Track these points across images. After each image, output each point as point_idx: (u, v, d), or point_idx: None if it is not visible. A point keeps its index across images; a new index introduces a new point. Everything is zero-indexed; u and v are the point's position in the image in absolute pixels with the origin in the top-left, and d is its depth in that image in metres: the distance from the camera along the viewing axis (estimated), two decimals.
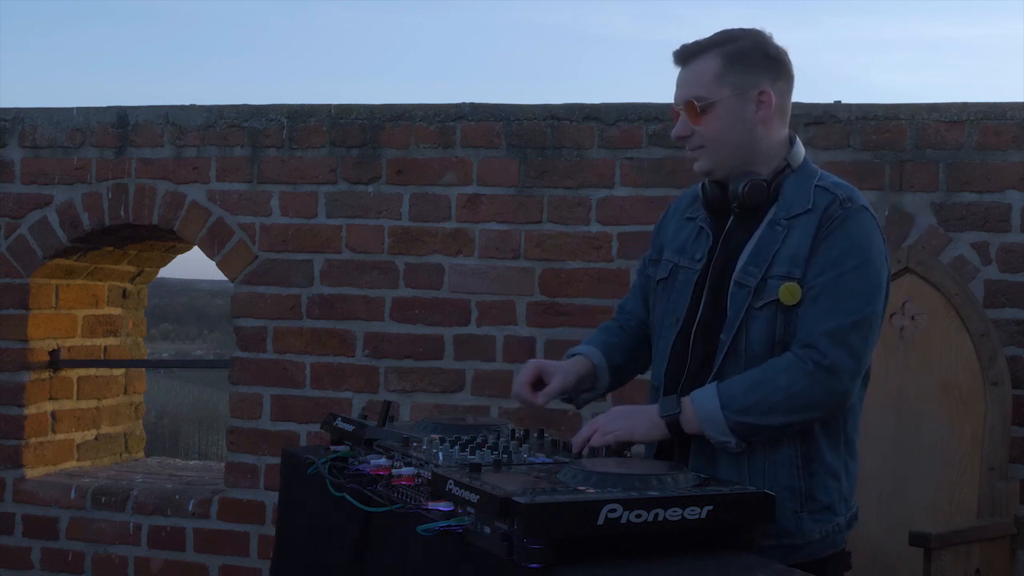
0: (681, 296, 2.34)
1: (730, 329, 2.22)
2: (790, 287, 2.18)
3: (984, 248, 3.68)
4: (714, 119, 2.27)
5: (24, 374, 4.37)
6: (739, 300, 2.22)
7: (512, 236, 4.01)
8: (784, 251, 2.21)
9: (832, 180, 2.29)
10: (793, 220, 2.23)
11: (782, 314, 2.19)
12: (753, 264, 2.23)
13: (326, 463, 2.24)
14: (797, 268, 2.19)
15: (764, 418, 2.15)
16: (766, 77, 2.28)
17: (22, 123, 4.42)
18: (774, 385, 2.14)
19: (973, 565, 3.33)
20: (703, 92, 2.27)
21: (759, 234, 2.26)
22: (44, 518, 4.33)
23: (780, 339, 2.19)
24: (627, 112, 3.93)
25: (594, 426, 2.24)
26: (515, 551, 1.70)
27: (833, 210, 2.21)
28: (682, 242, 2.40)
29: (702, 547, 1.84)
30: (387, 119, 4.12)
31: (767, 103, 2.27)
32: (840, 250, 2.18)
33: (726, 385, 2.18)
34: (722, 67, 2.26)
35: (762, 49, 2.29)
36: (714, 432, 2.17)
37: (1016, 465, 3.56)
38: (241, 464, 4.21)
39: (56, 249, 4.36)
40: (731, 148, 2.28)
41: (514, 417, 3.92)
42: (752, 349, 2.21)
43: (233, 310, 4.25)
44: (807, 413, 2.17)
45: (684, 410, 2.19)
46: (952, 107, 3.71)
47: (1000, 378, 3.46)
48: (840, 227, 2.20)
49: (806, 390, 2.14)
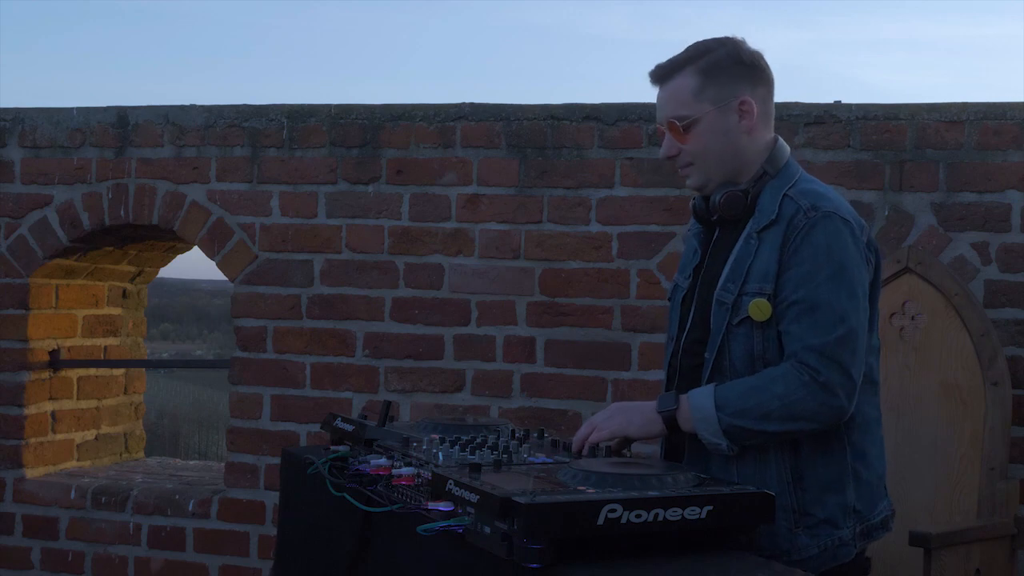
0: (675, 314, 2.39)
1: (712, 347, 2.24)
2: (759, 303, 2.18)
3: (984, 248, 3.68)
4: (699, 136, 2.27)
5: (24, 374, 4.37)
6: (720, 317, 2.23)
7: (512, 236, 4.01)
8: (756, 266, 2.21)
9: (802, 187, 2.27)
10: (763, 233, 2.23)
11: (757, 330, 2.19)
12: (731, 280, 2.23)
13: (326, 463, 2.24)
14: (768, 283, 2.19)
15: (758, 423, 2.14)
16: (744, 85, 2.27)
17: (22, 123, 4.42)
18: (770, 392, 2.14)
19: (973, 565, 3.33)
20: (684, 110, 2.28)
21: (737, 249, 2.26)
22: (44, 518, 4.33)
23: (759, 355, 2.20)
24: (627, 112, 3.93)
25: (592, 424, 2.24)
26: (515, 551, 1.70)
27: (798, 220, 2.20)
28: (684, 260, 2.43)
29: (702, 547, 1.84)
30: (387, 119, 4.12)
31: (749, 112, 2.27)
32: (811, 263, 2.17)
33: (724, 388, 2.18)
34: (699, 83, 2.26)
35: (736, 57, 2.28)
36: (707, 432, 2.17)
37: (1016, 465, 3.56)
38: (241, 464, 4.21)
39: (56, 249, 4.36)
40: (719, 162, 2.28)
41: (514, 417, 3.93)
42: (734, 366, 2.22)
43: (233, 310, 4.26)
44: (803, 423, 2.16)
45: (681, 407, 2.20)
46: (952, 107, 3.71)
47: (1000, 378, 3.46)
48: (806, 238, 2.18)
49: (802, 401, 2.13)
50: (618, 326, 3.90)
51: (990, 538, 3.39)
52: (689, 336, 2.31)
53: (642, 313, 3.87)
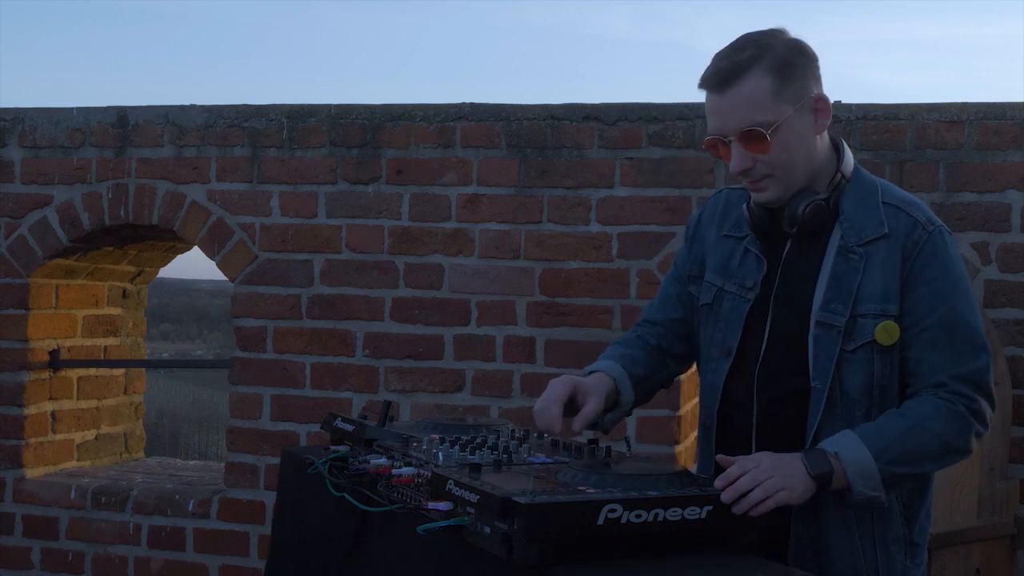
0: (731, 327, 2.15)
1: (824, 376, 2.04)
2: (887, 327, 2.01)
3: (984, 248, 3.68)
4: (781, 143, 2.04)
5: (24, 374, 4.37)
6: (827, 343, 2.04)
7: (512, 236, 4.01)
8: (868, 285, 2.03)
9: (900, 196, 2.11)
10: (869, 247, 2.05)
11: (879, 355, 2.03)
12: (836, 300, 2.04)
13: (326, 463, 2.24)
14: (891, 304, 2.02)
15: (918, 467, 2.01)
16: (813, 80, 2.08)
17: (22, 123, 4.42)
18: (930, 432, 1.99)
19: (973, 565, 3.33)
20: (765, 116, 2.02)
21: (831, 264, 2.07)
22: (44, 518, 4.33)
23: (878, 382, 2.04)
24: (627, 112, 3.93)
25: (746, 470, 1.90)
26: (515, 551, 1.70)
27: (918, 236, 2.04)
28: (723, 262, 2.20)
29: (702, 547, 1.84)
30: (387, 119, 4.12)
31: (824, 109, 2.08)
32: (943, 282, 2.02)
33: (869, 434, 1.98)
34: (775, 83, 2.02)
35: (799, 49, 2.07)
36: (865, 487, 1.96)
37: (1016, 465, 3.57)
38: (241, 464, 4.21)
39: (56, 249, 4.36)
40: (800, 170, 2.07)
41: (514, 417, 3.92)
42: (848, 396, 2.04)
43: (233, 310, 4.26)
44: (955, 458, 2.05)
45: (833, 466, 1.96)
46: (952, 107, 3.71)
47: (1000, 378, 3.46)
48: (932, 255, 2.03)
49: (960, 435, 2.01)
50: (618, 326, 3.90)
51: (990, 538, 3.40)
52: (769, 360, 2.10)
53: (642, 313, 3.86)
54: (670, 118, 3.89)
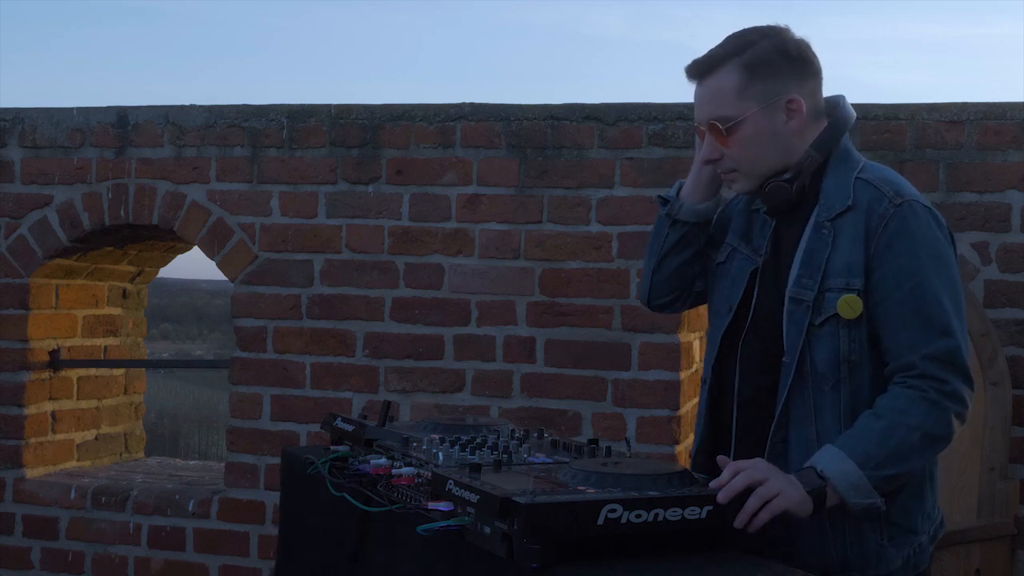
0: (736, 285, 2.18)
1: (792, 351, 2.05)
2: (849, 300, 2.00)
3: (984, 248, 3.68)
4: (743, 138, 2.08)
5: (24, 374, 4.37)
6: (798, 318, 2.04)
7: (512, 236, 4.01)
8: (836, 258, 2.03)
9: (876, 173, 2.10)
10: (837, 221, 2.05)
11: (844, 329, 2.02)
12: (807, 276, 2.05)
13: (326, 463, 2.24)
14: (856, 277, 2.01)
15: (905, 464, 1.98)
16: (792, 81, 2.08)
17: (22, 123, 4.42)
18: (907, 427, 1.96)
19: (973, 565, 3.33)
20: (726, 111, 2.07)
21: (806, 240, 2.07)
22: (44, 518, 4.33)
23: (845, 357, 2.03)
24: (627, 112, 3.93)
25: (740, 471, 1.91)
26: (515, 551, 1.70)
27: (884, 210, 2.02)
28: (745, 228, 2.22)
29: (702, 547, 1.84)
30: (387, 119, 4.12)
31: (798, 111, 2.08)
32: (909, 256, 2.00)
33: (849, 443, 1.97)
34: (742, 79, 2.06)
35: (781, 50, 2.08)
36: (859, 498, 1.96)
37: (1016, 465, 3.56)
38: (241, 464, 4.21)
39: (56, 249, 4.36)
40: (767, 165, 2.10)
41: (514, 417, 3.92)
42: (817, 370, 2.04)
43: (233, 310, 4.25)
44: (940, 445, 2.01)
45: (825, 482, 1.95)
46: (952, 107, 3.71)
47: (1000, 378, 3.46)
48: (899, 228, 2.01)
49: (938, 423, 1.98)
50: (618, 326, 3.90)
51: (990, 538, 3.39)
52: (749, 336, 2.12)
53: (642, 313, 3.86)
54: (670, 118, 3.89)
